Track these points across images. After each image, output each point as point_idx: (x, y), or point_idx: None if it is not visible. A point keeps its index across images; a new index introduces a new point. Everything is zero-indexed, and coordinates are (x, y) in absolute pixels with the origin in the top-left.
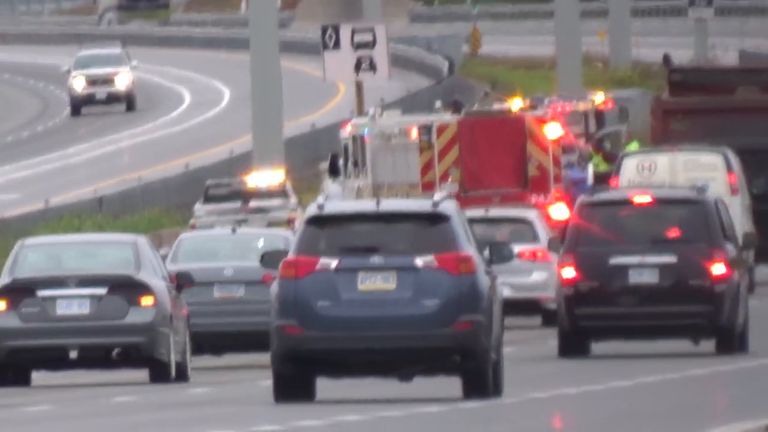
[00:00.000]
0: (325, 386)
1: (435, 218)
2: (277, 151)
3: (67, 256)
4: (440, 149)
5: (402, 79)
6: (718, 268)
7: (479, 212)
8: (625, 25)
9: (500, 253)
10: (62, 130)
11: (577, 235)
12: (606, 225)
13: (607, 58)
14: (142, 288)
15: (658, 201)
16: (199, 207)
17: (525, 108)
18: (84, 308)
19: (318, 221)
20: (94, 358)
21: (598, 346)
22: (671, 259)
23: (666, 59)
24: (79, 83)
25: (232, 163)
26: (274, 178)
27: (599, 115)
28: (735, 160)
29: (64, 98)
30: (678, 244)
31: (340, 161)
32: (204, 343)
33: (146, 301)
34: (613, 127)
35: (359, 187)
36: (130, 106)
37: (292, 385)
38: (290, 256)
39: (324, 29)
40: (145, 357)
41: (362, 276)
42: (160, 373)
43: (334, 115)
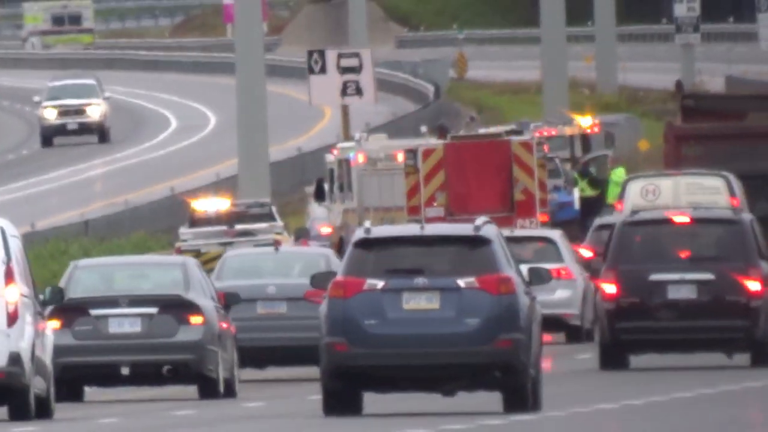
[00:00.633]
0: (372, 400)
1: (477, 241)
2: (263, 174)
3: (119, 277)
4: (426, 173)
5: (388, 104)
6: (753, 285)
7: (505, 232)
8: (611, 50)
9: (539, 276)
10: (46, 155)
11: (619, 253)
12: (646, 243)
13: (594, 82)
14: (191, 307)
15: (696, 220)
16: (185, 230)
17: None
18: (135, 327)
19: (365, 244)
20: (145, 375)
21: (636, 359)
22: (709, 276)
23: (679, 86)
24: (50, 114)
25: (218, 187)
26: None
27: (585, 139)
28: (737, 184)
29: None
30: (715, 262)
31: (326, 185)
32: (247, 356)
33: (195, 319)
34: (600, 152)
35: (345, 210)
36: (103, 138)
37: (341, 399)
38: (339, 277)
39: (310, 53)
40: (194, 374)
41: (407, 296)
42: (208, 390)
43: (320, 139)
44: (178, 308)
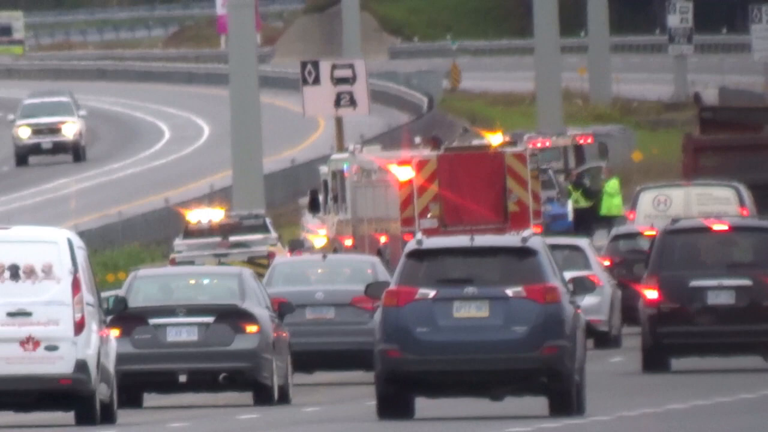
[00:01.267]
0: (423, 406)
1: (524, 252)
2: (257, 186)
3: (177, 287)
4: (420, 184)
5: (382, 115)
6: None
7: None
8: (605, 61)
9: (582, 285)
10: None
11: (660, 260)
12: (686, 251)
13: (587, 94)
14: (247, 316)
15: (734, 229)
16: (179, 242)
17: (504, 143)
18: (192, 335)
19: (417, 255)
20: (202, 382)
21: (677, 362)
22: (746, 282)
23: (697, 98)
24: (24, 132)
25: (212, 198)
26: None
27: (579, 150)
28: (747, 194)
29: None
30: (752, 268)
31: (320, 197)
32: (296, 361)
33: (251, 328)
34: (593, 163)
35: (339, 221)
36: (78, 156)
37: (394, 404)
38: (392, 287)
39: (303, 64)
40: (249, 381)
41: (457, 305)
42: (263, 396)
43: (314, 151)
44: (234, 317)
